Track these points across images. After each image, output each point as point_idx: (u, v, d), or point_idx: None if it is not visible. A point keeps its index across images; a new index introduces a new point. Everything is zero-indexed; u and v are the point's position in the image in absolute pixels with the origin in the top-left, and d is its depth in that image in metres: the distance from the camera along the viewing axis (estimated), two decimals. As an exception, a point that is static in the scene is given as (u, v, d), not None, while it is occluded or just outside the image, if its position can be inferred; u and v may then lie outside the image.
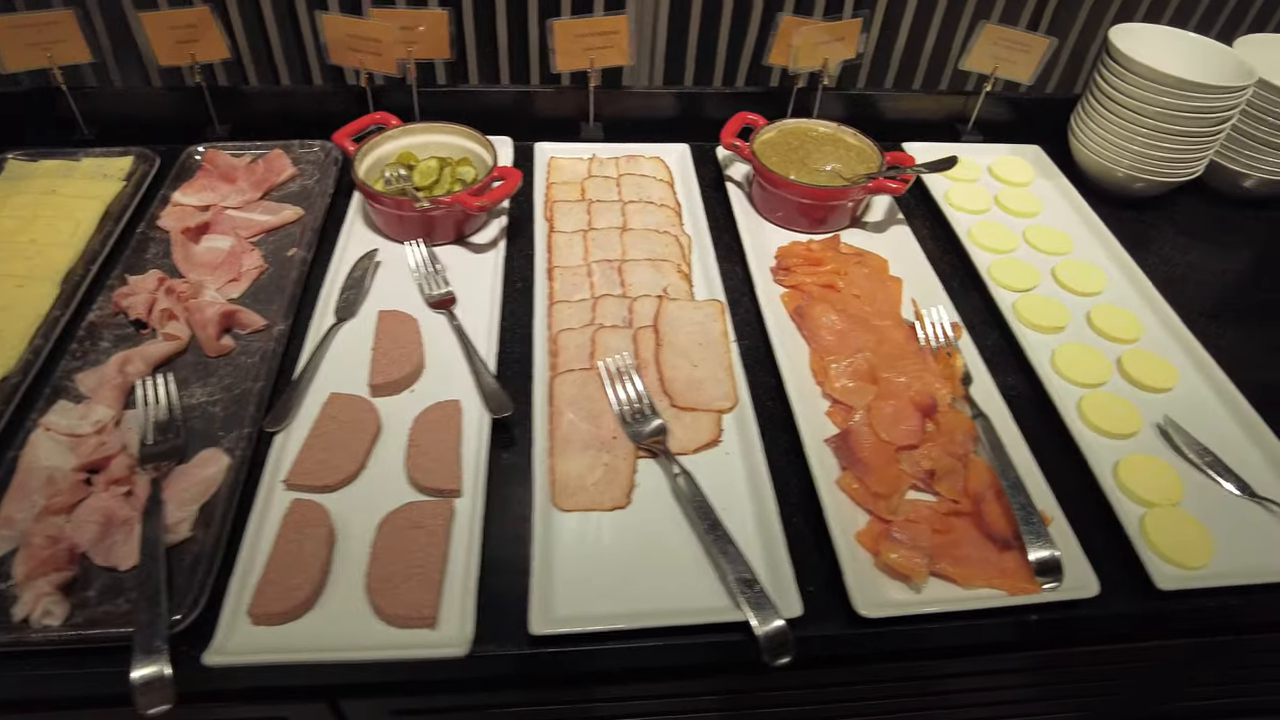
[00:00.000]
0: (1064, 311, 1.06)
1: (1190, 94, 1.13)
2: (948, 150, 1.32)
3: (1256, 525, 0.86)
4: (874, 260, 1.10)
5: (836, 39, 1.20)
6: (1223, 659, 0.90)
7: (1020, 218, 1.22)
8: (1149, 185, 1.24)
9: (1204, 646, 0.87)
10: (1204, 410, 0.97)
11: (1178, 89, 1.14)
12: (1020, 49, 1.23)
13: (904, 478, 0.85)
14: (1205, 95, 1.14)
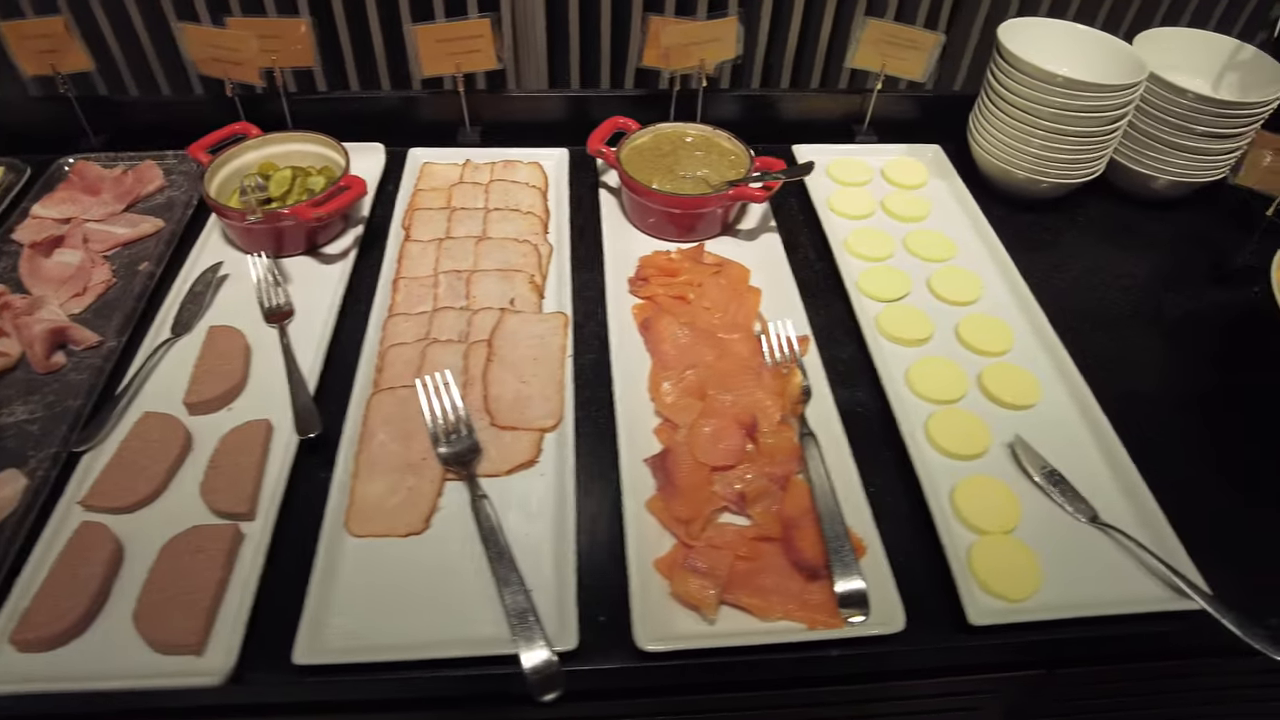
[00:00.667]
0: (928, 323, 1.01)
1: (1078, 93, 1.08)
2: (842, 152, 1.27)
3: (1095, 553, 0.81)
4: (735, 270, 1.06)
5: (711, 39, 1.15)
6: (1045, 695, 0.85)
7: (905, 222, 1.17)
8: (1049, 187, 1.18)
9: (1021, 682, 0.82)
10: (1064, 428, 0.92)
11: (1066, 88, 1.08)
12: (909, 45, 1.18)
13: (714, 500, 0.82)
14: (1093, 94, 1.08)
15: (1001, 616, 0.75)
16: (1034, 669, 0.82)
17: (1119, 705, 0.91)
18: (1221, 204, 1.23)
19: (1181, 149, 1.16)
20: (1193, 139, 1.14)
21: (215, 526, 0.78)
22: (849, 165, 1.24)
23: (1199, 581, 0.78)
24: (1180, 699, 0.92)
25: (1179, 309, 1.09)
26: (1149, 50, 1.18)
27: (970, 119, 1.22)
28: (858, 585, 0.75)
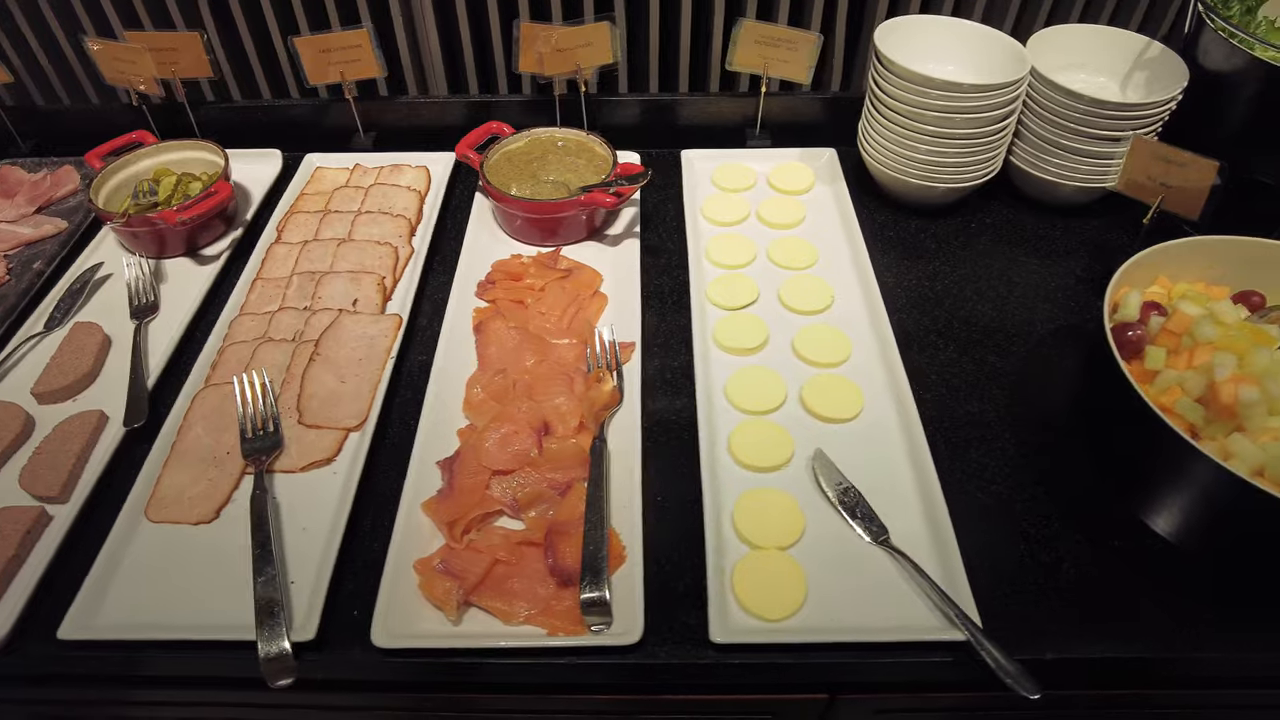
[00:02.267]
0: (763, 333, 1.00)
1: (957, 95, 1.04)
2: (730, 157, 1.26)
3: (876, 576, 0.79)
4: (585, 276, 1.07)
5: (584, 44, 1.16)
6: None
7: (776, 229, 1.15)
8: (942, 192, 1.14)
9: (801, 705, 0.80)
10: (879, 445, 0.90)
11: (944, 91, 1.04)
12: (787, 46, 1.16)
13: (487, 503, 0.83)
14: (972, 95, 1.04)
15: (747, 635, 0.74)
16: (808, 692, 0.81)
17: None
18: (1129, 211, 1.16)
19: (1080, 154, 1.10)
20: (1090, 143, 1.09)
21: (17, 509, 0.84)
22: (735, 170, 1.23)
23: (971, 612, 0.75)
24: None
25: (1051, 323, 1.04)
26: (1047, 48, 1.13)
27: (859, 125, 1.19)
28: (598, 594, 0.75)
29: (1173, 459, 0.75)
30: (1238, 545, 0.79)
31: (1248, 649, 0.75)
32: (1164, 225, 1.04)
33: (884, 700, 0.83)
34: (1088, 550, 0.82)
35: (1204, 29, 1.06)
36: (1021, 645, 0.74)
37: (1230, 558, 0.80)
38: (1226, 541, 0.79)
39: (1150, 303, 0.88)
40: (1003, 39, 1.12)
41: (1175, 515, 0.81)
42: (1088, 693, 0.84)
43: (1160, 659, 0.76)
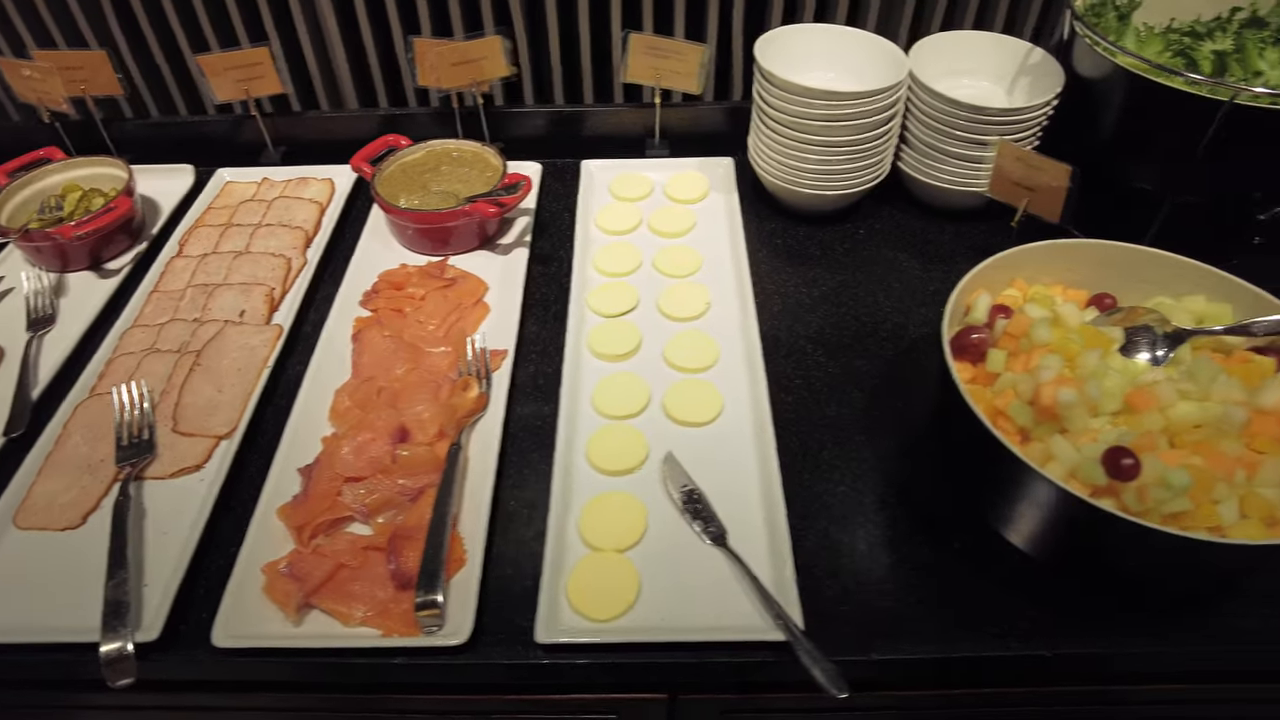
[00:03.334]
0: (635, 339, 1.02)
1: (834, 104, 1.06)
2: (631, 166, 1.29)
3: (712, 577, 0.81)
4: (470, 285, 1.10)
5: (478, 57, 1.19)
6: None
7: (665, 238, 1.18)
8: (828, 199, 1.16)
9: (595, 704, 0.82)
10: (732, 449, 0.92)
11: (823, 100, 1.06)
12: (676, 57, 1.18)
13: (338, 509, 0.86)
14: (849, 103, 1.06)
15: (572, 635, 0.77)
16: (645, 691, 0.83)
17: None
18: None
19: (962, 158, 1.12)
20: (970, 148, 1.10)
21: (-126, 515, 0.88)
22: (632, 180, 1.26)
23: (795, 612, 0.76)
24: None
25: (924, 327, 1.06)
26: (932, 55, 1.15)
27: (749, 137, 1.21)
28: (433, 596, 0.78)
29: (996, 461, 0.77)
30: (1064, 545, 0.80)
31: (1081, 646, 0.76)
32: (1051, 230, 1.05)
33: (726, 700, 0.85)
34: (928, 551, 0.84)
35: (1076, 36, 1.08)
36: (850, 645, 0.76)
37: (1061, 557, 0.81)
38: (1054, 541, 0.80)
39: (999, 306, 0.90)
40: (883, 44, 1.14)
41: (1008, 516, 0.82)
42: (928, 692, 0.85)
43: (992, 658, 0.77)
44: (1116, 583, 0.80)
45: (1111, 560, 0.78)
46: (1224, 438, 0.76)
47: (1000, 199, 1.05)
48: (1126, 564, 0.78)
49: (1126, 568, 0.78)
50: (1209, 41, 1.10)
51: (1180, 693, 0.85)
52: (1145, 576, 0.79)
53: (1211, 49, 1.09)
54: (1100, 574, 0.81)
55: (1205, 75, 1.07)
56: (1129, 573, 0.80)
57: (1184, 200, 1.06)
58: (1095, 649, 0.77)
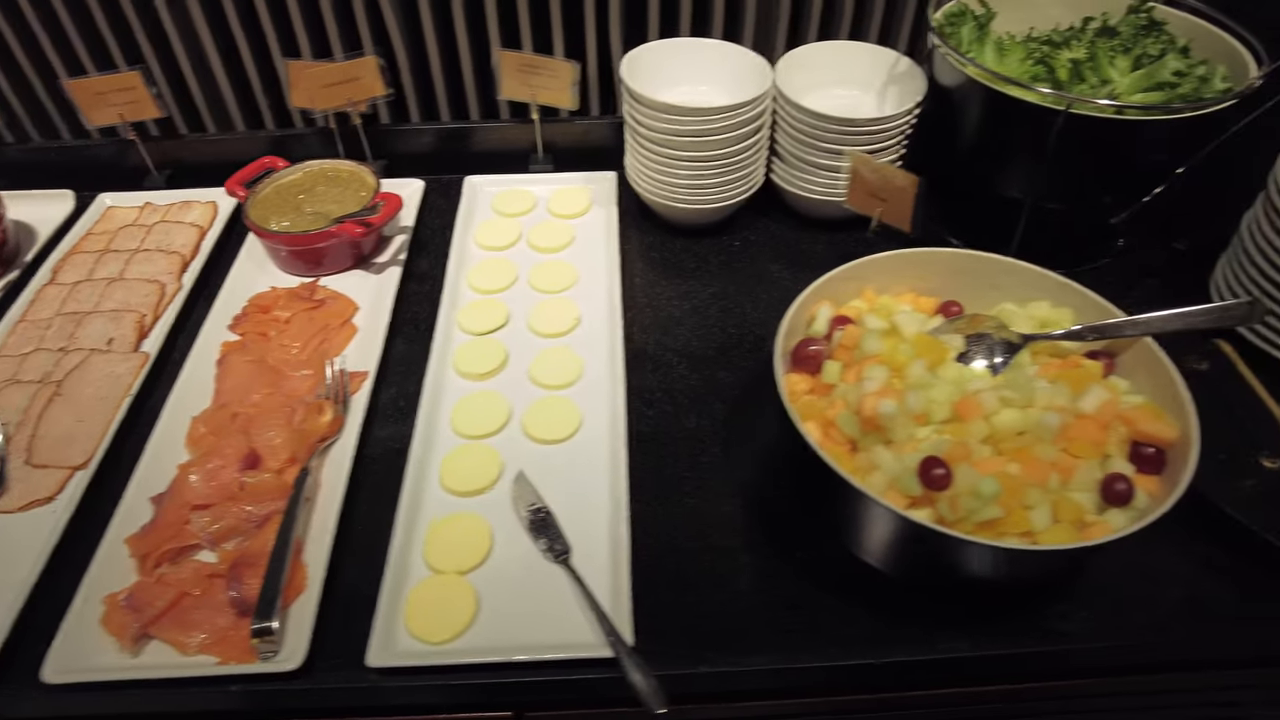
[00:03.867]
0: (500, 357, 1.03)
1: (696, 119, 1.07)
2: (516, 182, 1.30)
3: (554, 595, 0.82)
4: (339, 306, 1.10)
5: (352, 78, 1.20)
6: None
7: (542, 253, 1.19)
8: (703, 213, 1.18)
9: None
10: (586, 466, 0.93)
11: (682, 115, 1.07)
12: (548, 74, 1.19)
13: (184, 536, 0.86)
14: (710, 118, 1.07)
15: (404, 658, 0.77)
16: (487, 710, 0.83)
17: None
18: (890, 224, 1.20)
19: (826, 169, 1.14)
20: (832, 158, 1.12)
21: None
22: (515, 196, 1.27)
23: (626, 628, 0.77)
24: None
25: (788, 338, 1.07)
26: (800, 67, 1.17)
27: (625, 152, 1.22)
28: (268, 623, 0.78)
29: (820, 473, 0.78)
30: (893, 554, 0.81)
31: (909, 653, 0.78)
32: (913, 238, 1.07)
33: (575, 716, 0.85)
34: (771, 562, 0.85)
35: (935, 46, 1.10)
36: (683, 658, 0.77)
37: (894, 566, 0.82)
38: (884, 550, 0.81)
39: (840, 317, 0.91)
40: (752, 57, 1.16)
41: (843, 526, 0.84)
42: (761, 703, 0.86)
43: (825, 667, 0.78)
44: (949, 589, 0.82)
45: (938, 568, 0.80)
46: (1040, 444, 0.78)
47: (857, 209, 1.07)
48: (951, 571, 0.79)
49: (954, 575, 0.80)
50: (1066, 50, 1.13)
51: (1009, 693, 0.87)
52: (973, 582, 0.81)
53: (1069, 57, 1.12)
54: (933, 581, 0.82)
55: (1063, 82, 1.10)
56: (958, 579, 0.81)
57: (1043, 207, 1.08)
58: (924, 655, 0.78)
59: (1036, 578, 0.79)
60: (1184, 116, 0.96)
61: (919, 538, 0.73)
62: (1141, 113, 0.97)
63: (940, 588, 0.82)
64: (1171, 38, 1.12)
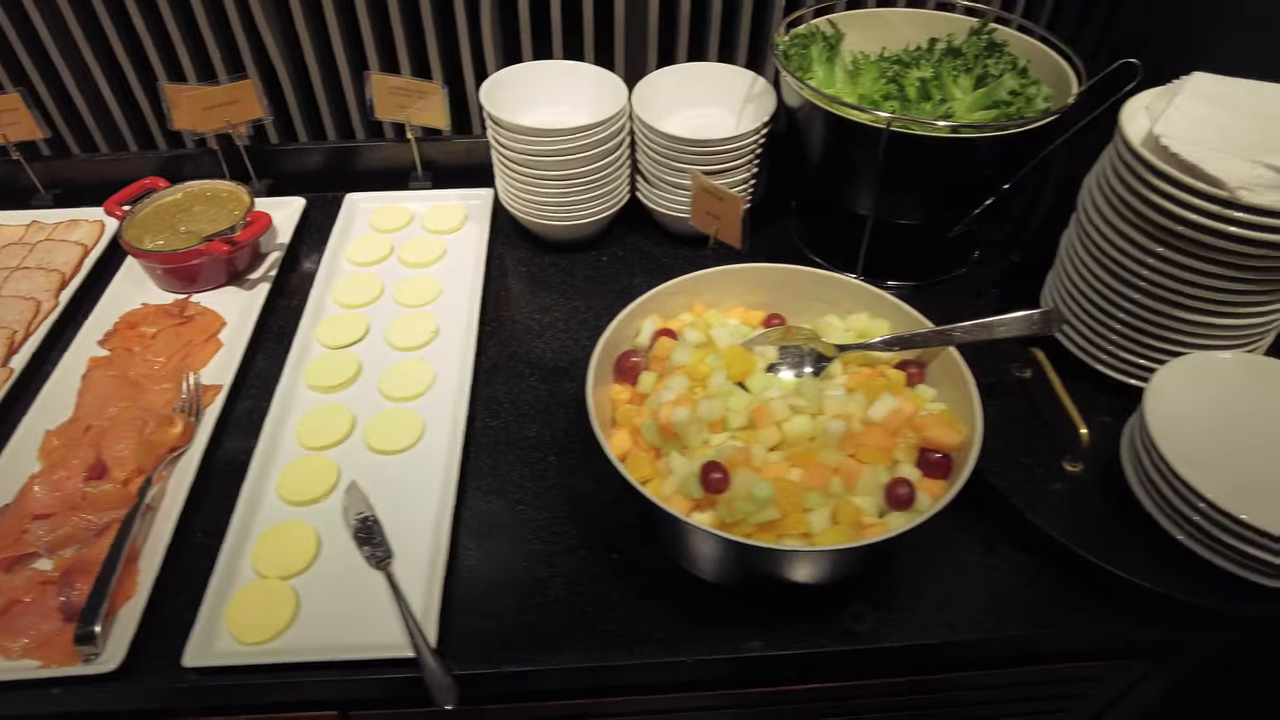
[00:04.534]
0: (351, 369, 1.07)
1: (552, 139, 1.12)
2: (395, 199, 1.34)
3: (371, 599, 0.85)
4: (206, 321, 1.14)
5: (231, 101, 1.24)
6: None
7: (411, 268, 1.23)
8: (567, 229, 1.22)
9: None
10: (420, 473, 0.97)
11: (537, 136, 1.12)
12: (419, 95, 1.24)
13: (20, 545, 0.90)
14: (564, 138, 1.12)
15: (220, 659, 0.81)
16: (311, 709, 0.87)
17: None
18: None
19: (679, 187, 1.18)
20: (683, 176, 1.17)
21: None
22: (392, 212, 1.31)
23: (431, 631, 0.81)
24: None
25: (639, 349, 1.11)
26: (658, 89, 1.22)
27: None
28: (90, 628, 0.82)
29: (620, 478, 0.82)
30: (691, 555, 0.85)
31: (720, 651, 0.82)
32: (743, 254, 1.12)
33: (394, 715, 0.89)
34: (585, 565, 0.89)
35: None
36: (492, 658, 0.81)
37: (696, 566, 0.86)
38: (682, 552, 0.86)
39: (662, 330, 0.96)
40: (609, 77, 1.21)
41: (651, 529, 0.88)
42: (564, 702, 0.90)
43: (628, 666, 0.82)
44: (751, 591, 0.86)
45: (730, 569, 0.84)
46: (825, 450, 0.82)
47: (698, 227, 1.12)
48: (742, 573, 0.83)
49: (746, 576, 0.84)
50: (915, 69, 1.18)
51: (812, 693, 0.91)
52: (769, 584, 0.85)
53: (917, 76, 1.17)
54: (735, 582, 0.86)
55: (911, 100, 1.15)
56: (753, 581, 0.85)
57: (887, 222, 1.13)
58: (725, 654, 0.82)
59: (826, 579, 0.83)
60: (997, 135, 1.01)
61: (700, 539, 0.77)
62: (953, 131, 1.02)
63: (744, 589, 0.86)
64: (1013, 59, 1.18)
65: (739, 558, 0.79)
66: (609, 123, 1.14)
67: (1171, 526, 0.83)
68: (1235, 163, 0.82)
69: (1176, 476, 0.80)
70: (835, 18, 1.23)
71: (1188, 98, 0.91)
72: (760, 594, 0.86)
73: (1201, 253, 0.85)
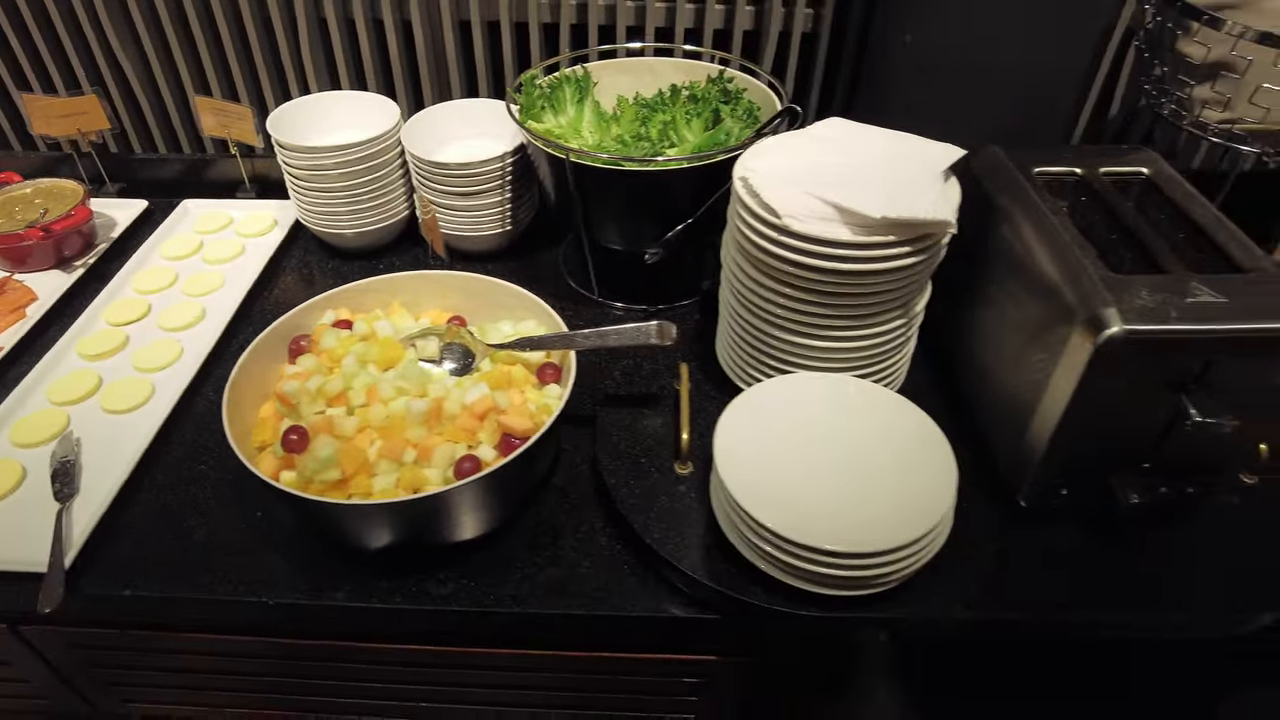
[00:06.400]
0: (117, 342, 1.24)
1: (325, 154, 1.29)
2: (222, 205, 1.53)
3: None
4: (17, 296, 1.33)
5: (80, 112, 1.46)
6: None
7: (209, 264, 1.40)
8: (348, 239, 1.38)
9: None
10: (133, 434, 1.11)
11: (307, 153, 1.29)
12: (235, 117, 1.43)
13: None
14: (326, 155, 1.29)
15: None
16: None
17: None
18: (525, 255, 1.40)
19: (447, 207, 1.33)
20: (456, 199, 1.31)
21: None
22: (214, 217, 1.50)
23: (71, 554, 0.95)
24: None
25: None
26: (437, 120, 1.38)
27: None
28: None
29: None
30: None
31: (305, 598, 0.94)
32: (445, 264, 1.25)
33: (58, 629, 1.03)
34: (231, 518, 1.01)
35: (527, 103, 1.29)
36: (116, 584, 0.95)
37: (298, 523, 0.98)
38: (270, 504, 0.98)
39: (341, 320, 1.09)
40: (384, 103, 1.38)
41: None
42: (197, 635, 1.02)
43: (230, 603, 0.95)
44: (353, 548, 0.97)
45: (310, 522, 0.96)
46: (412, 426, 0.94)
47: (427, 238, 1.26)
48: (316, 525, 0.95)
49: (321, 529, 0.96)
50: (660, 113, 1.30)
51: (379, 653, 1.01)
52: (348, 537, 0.95)
53: (660, 119, 1.29)
54: (329, 536, 0.97)
55: (653, 140, 1.27)
56: (329, 534, 0.97)
57: (605, 246, 1.25)
58: (308, 601, 0.93)
59: (399, 539, 0.93)
60: (648, 170, 1.12)
61: (268, 491, 0.90)
62: (612, 164, 1.13)
63: (344, 547, 0.97)
64: (750, 104, 1.29)
65: (305, 511, 0.91)
66: (372, 142, 1.30)
67: (731, 534, 0.91)
68: (794, 194, 0.92)
69: (727, 489, 0.87)
70: (600, 65, 1.37)
71: (800, 138, 1.02)
72: (364, 553, 0.97)
73: (778, 276, 0.95)
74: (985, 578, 0.92)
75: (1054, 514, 0.96)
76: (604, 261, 1.32)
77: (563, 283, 1.37)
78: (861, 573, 0.82)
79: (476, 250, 1.40)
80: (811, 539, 0.82)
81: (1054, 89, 1.20)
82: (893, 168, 0.95)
